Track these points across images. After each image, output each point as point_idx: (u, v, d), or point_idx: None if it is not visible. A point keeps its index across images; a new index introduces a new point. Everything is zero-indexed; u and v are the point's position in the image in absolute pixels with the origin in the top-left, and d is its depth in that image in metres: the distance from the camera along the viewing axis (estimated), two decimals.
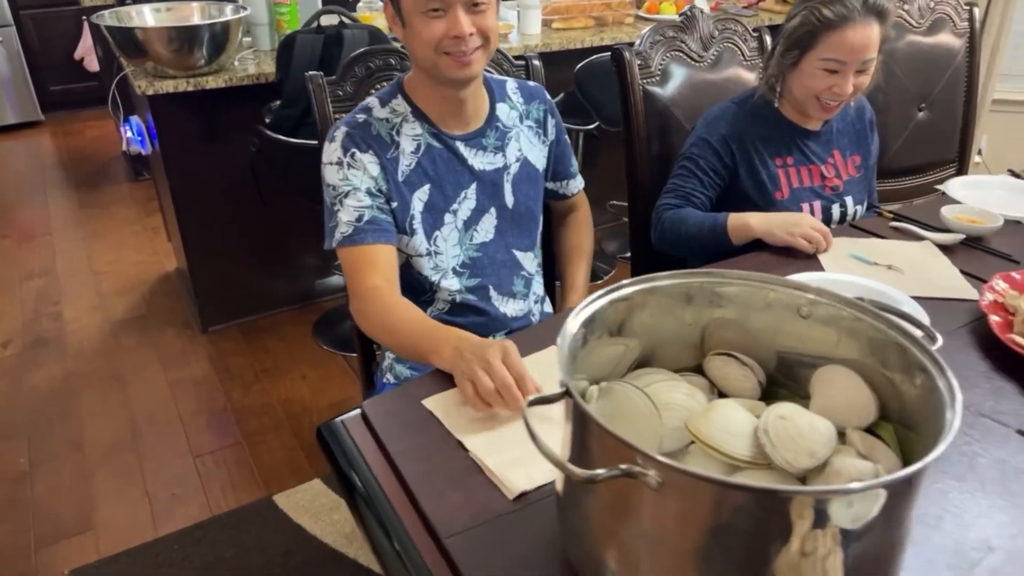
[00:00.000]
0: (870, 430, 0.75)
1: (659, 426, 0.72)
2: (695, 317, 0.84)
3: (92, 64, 4.38)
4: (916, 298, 1.19)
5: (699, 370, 0.87)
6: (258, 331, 2.68)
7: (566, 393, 0.65)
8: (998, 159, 3.44)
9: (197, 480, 2.04)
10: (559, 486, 0.73)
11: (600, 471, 0.58)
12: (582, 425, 0.64)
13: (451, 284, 1.32)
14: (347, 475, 0.92)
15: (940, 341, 0.74)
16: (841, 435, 0.75)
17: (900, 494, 0.59)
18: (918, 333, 0.73)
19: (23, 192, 3.90)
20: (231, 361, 2.52)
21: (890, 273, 1.31)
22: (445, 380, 1.04)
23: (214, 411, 2.30)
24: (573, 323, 0.72)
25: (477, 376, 0.94)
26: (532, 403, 0.66)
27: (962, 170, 2.48)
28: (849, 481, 0.66)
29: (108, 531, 1.88)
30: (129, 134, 3.03)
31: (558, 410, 0.69)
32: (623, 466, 0.58)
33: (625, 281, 0.79)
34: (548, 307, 1.53)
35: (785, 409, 0.70)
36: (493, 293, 1.37)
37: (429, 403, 1.00)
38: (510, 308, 1.40)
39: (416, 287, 1.33)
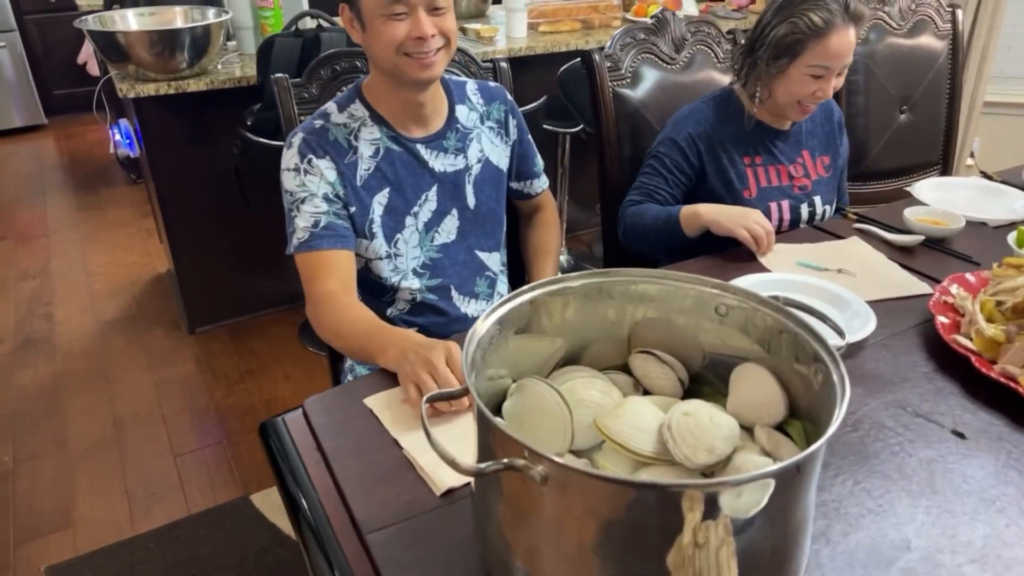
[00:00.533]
0: (781, 428, 0.75)
1: (568, 423, 0.73)
2: (618, 315, 0.85)
3: (94, 69, 4.43)
4: (870, 302, 1.19)
5: (627, 368, 0.88)
6: (244, 332, 2.70)
7: (466, 391, 0.66)
8: (992, 162, 3.41)
9: (176, 479, 2.06)
10: (473, 484, 0.75)
11: (485, 464, 0.60)
12: (483, 422, 0.65)
13: (411, 284, 1.34)
14: (281, 472, 0.94)
15: (847, 338, 0.74)
16: (752, 432, 0.76)
17: (788, 484, 0.60)
18: (823, 328, 0.73)
19: (23, 194, 3.96)
20: (216, 361, 2.55)
21: (842, 277, 1.31)
22: (391, 379, 1.05)
23: (197, 411, 2.32)
24: (482, 325, 0.73)
25: (420, 379, 0.95)
26: (430, 399, 0.67)
27: (946, 172, 2.47)
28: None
29: (86, 528, 1.90)
30: (117, 137, 3.07)
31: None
32: (506, 460, 0.59)
33: (537, 282, 0.80)
34: None
35: (690, 406, 0.71)
36: (455, 293, 1.38)
37: (370, 401, 1.01)
38: (472, 308, 1.41)
39: (376, 288, 1.35)
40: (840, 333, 0.75)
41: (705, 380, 0.86)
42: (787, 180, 1.59)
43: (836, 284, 1.24)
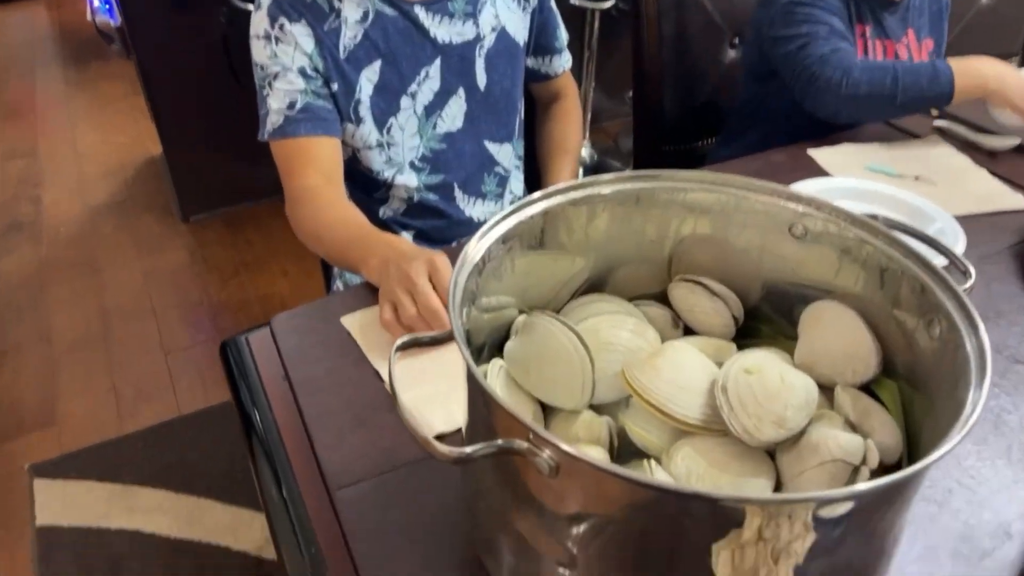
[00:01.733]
0: (868, 388, 0.58)
1: (588, 374, 0.56)
2: (659, 232, 0.66)
3: None
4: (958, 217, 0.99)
5: (665, 299, 0.70)
6: (240, 221, 2.53)
7: (451, 335, 0.48)
8: None
9: (166, 377, 1.95)
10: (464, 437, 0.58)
11: (472, 448, 0.43)
12: (473, 385, 0.48)
13: (408, 181, 1.14)
14: (242, 403, 0.79)
15: (974, 278, 0.55)
16: (831, 392, 0.58)
17: (875, 504, 0.43)
18: (943, 264, 0.54)
19: (11, 67, 3.71)
20: (210, 252, 2.39)
21: (919, 185, 1.10)
22: (375, 295, 0.88)
23: (189, 305, 2.19)
24: (478, 244, 0.55)
25: (398, 298, 0.78)
26: (401, 347, 0.50)
27: None
28: (826, 461, 0.49)
29: (71, 426, 1.81)
30: (96, 3, 2.79)
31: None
32: (501, 441, 0.42)
33: (556, 187, 0.60)
34: None
35: (753, 359, 0.53)
36: (458, 192, 1.19)
37: (348, 321, 0.85)
38: (478, 210, 1.21)
39: (368, 183, 1.15)
40: (965, 272, 0.56)
41: (763, 316, 0.68)
42: (892, 58, 1.32)
43: (913, 194, 1.04)
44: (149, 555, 1.51)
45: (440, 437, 0.71)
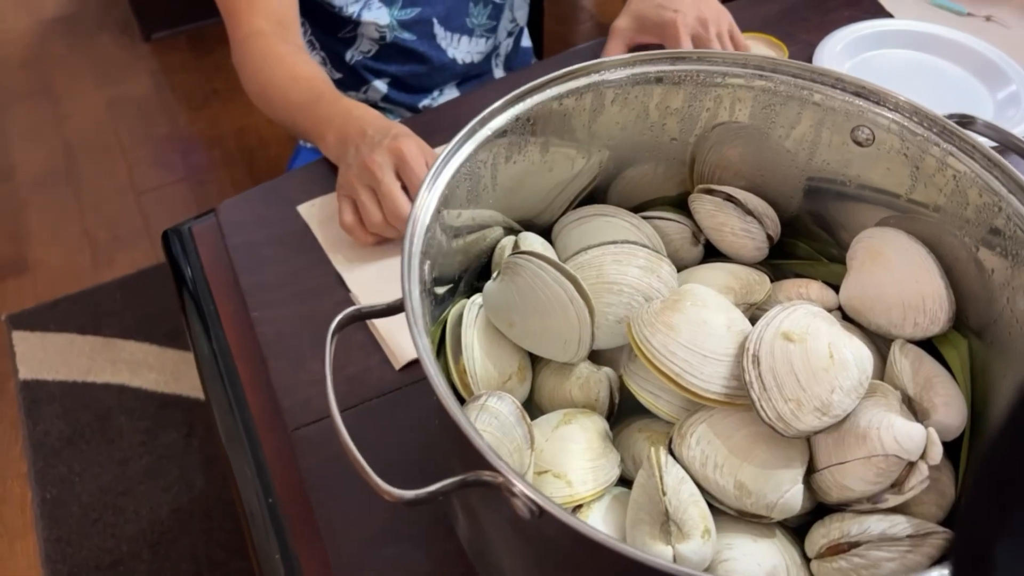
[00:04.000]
0: (930, 343, 0.47)
1: (587, 326, 0.45)
2: (682, 126, 0.52)
3: None
4: None
5: (681, 203, 0.57)
6: (208, 41, 2.28)
7: (393, 309, 0.36)
8: None
9: (140, 220, 1.83)
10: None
11: (432, 489, 0.33)
12: (441, 406, 0.37)
13: (377, 17, 0.95)
14: (187, 315, 0.68)
15: None
16: (882, 343, 0.48)
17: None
18: None
19: None
20: (177, 78, 2.18)
21: (990, 28, 0.92)
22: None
23: (157, 139, 2.02)
24: (444, 174, 0.42)
25: (359, 198, 0.65)
26: (339, 327, 0.38)
27: None
28: (875, 454, 0.40)
29: (45, 274, 1.72)
30: None
31: None
32: (468, 476, 0.32)
33: (550, 76, 0.46)
34: (527, 43, 1.16)
35: (795, 320, 0.42)
36: (438, 29, 1.00)
37: (306, 211, 0.72)
38: (462, 50, 1.03)
39: (329, 20, 0.96)
40: None
41: (803, 230, 0.55)
42: None
43: (983, 40, 0.86)
44: (136, 410, 1.49)
45: (354, 318, 0.61)
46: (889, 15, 0.93)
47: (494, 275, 0.48)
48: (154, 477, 1.41)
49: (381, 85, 1.01)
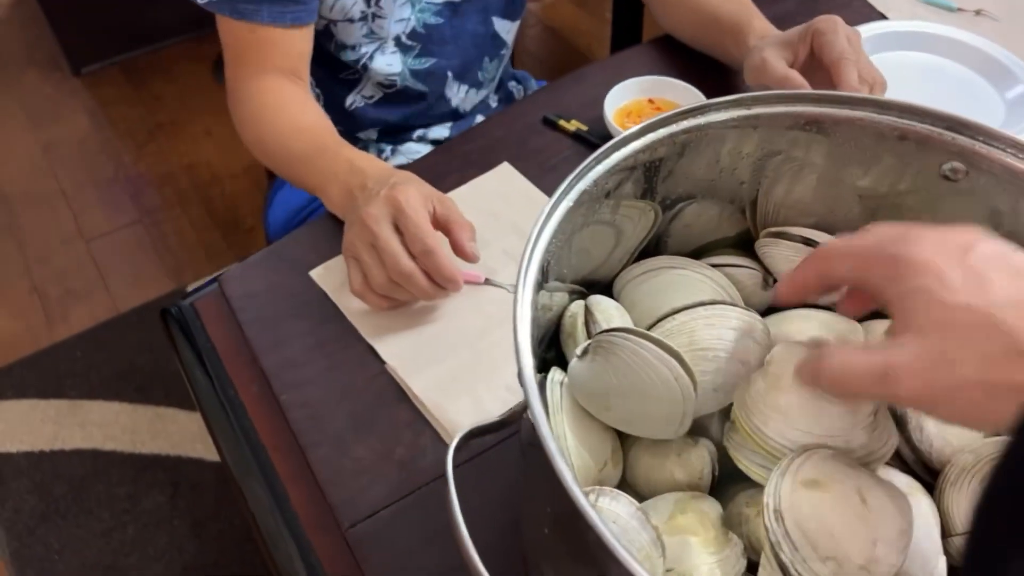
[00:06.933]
0: None
1: (692, 403, 0.41)
2: (754, 172, 0.49)
3: None
4: None
5: (743, 244, 0.54)
6: (144, 71, 2.16)
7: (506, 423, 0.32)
8: None
9: (93, 270, 1.72)
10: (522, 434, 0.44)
11: None
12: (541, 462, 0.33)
13: (391, 63, 0.87)
14: (204, 412, 0.62)
15: None
16: None
17: None
18: None
19: None
20: (115, 113, 2.06)
21: (979, 22, 0.91)
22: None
23: (103, 182, 1.90)
24: (549, 223, 0.38)
25: (361, 258, 0.59)
26: (456, 456, 0.34)
27: None
28: None
29: None
30: None
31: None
32: None
33: (675, 112, 0.42)
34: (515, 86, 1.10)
35: (813, 465, 0.37)
36: (451, 81, 0.93)
37: (319, 275, 0.66)
38: (467, 100, 0.96)
39: (334, 61, 0.88)
40: None
41: None
42: None
43: (979, 36, 0.86)
44: (113, 475, 1.40)
45: (471, 435, 0.56)
46: (882, 16, 0.92)
47: (579, 352, 0.43)
48: (142, 546, 1.32)
49: (372, 133, 0.95)
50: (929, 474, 0.44)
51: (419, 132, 0.97)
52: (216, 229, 1.81)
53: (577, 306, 0.48)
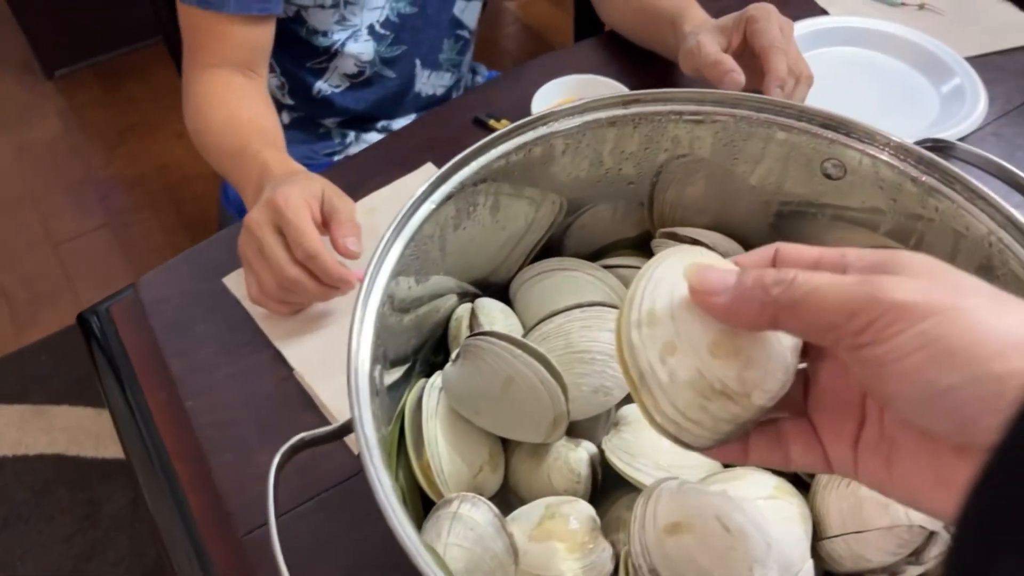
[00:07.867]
0: None
1: (562, 407, 0.40)
2: (639, 168, 0.48)
3: None
4: (968, 59, 0.81)
5: (640, 244, 0.53)
6: (118, 73, 2.15)
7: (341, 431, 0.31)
8: None
9: (61, 274, 1.72)
10: None
11: None
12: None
13: (362, 50, 0.87)
14: (114, 415, 0.62)
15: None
16: None
17: None
18: None
19: None
20: (87, 116, 2.05)
21: (924, 17, 0.91)
22: None
23: (72, 185, 1.90)
24: (365, 296, 0.37)
25: (252, 266, 0.59)
26: (281, 465, 0.33)
27: None
28: (899, 525, 0.37)
29: None
30: None
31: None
32: None
33: (496, 134, 0.41)
34: (486, 74, 1.09)
35: (667, 508, 0.36)
36: (418, 67, 0.93)
37: (232, 281, 0.66)
38: (428, 84, 0.96)
39: (303, 47, 0.86)
40: None
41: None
42: None
43: (919, 31, 0.85)
44: (76, 480, 1.39)
45: (298, 447, 0.56)
46: (823, 11, 0.91)
47: (453, 356, 0.43)
48: (103, 551, 1.32)
49: (337, 120, 0.95)
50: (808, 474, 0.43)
51: (383, 123, 0.96)
52: (185, 231, 1.80)
53: (464, 309, 0.48)
